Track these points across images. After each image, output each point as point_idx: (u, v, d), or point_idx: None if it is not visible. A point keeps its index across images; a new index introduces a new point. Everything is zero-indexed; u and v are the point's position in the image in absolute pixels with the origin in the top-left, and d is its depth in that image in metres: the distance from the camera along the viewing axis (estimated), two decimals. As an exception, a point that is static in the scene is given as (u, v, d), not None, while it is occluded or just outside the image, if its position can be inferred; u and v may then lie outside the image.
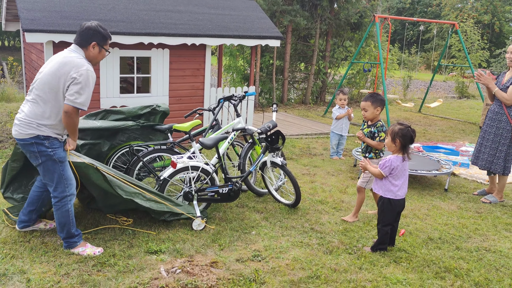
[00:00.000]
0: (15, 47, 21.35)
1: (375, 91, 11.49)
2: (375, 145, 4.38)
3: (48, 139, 3.51)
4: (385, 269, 3.56)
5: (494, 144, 5.21)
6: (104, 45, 3.59)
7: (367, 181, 4.37)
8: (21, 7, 5.79)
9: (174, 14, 6.91)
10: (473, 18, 32.44)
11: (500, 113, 5.15)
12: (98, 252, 3.65)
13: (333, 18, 13.07)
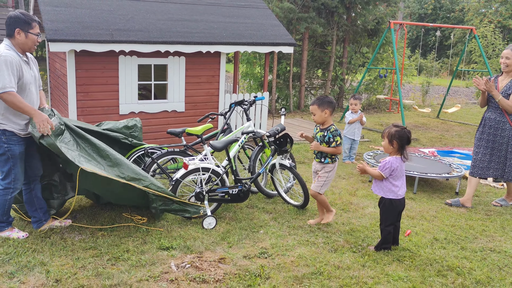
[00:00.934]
0: (41, 57, 22.15)
1: (391, 97, 11.52)
2: (332, 152, 4.27)
3: (4, 133, 3.70)
4: (387, 266, 3.65)
5: (501, 152, 5.09)
6: (29, 29, 3.69)
7: (321, 186, 4.34)
8: (46, 18, 6.12)
9: (190, 23, 7.16)
10: (499, 23, 31.92)
11: (502, 122, 5.03)
12: (22, 236, 3.93)
13: (350, 25, 13.17)
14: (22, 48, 3.76)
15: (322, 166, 4.36)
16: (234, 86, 8.91)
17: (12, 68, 3.60)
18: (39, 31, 3.81)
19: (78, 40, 5.97)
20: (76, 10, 6.51)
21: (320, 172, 4.38)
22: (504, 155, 5.11)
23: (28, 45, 3.75)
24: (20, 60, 3.70)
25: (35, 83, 3.90)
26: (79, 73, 6.33)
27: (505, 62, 4.98)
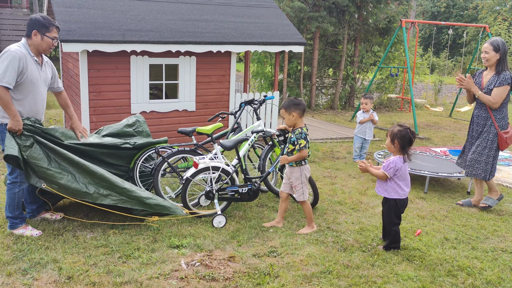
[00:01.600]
0: (55, 57, 22.47)
1: (403, 96, 11.44)
2: (297, 158, 4.15)
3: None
4: (397, 266, 3.64)
5: (477, 149, 4.96)
6: (46, 32, 3.88)
7: (302, 193, 4.25)
8: (59, 19, 6.20)
9: (200, 23, 7.20)
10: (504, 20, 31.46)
11: (486, 118, 4.91)
12: (36, 234, 4.02)
13: (361, 23, 13.11)
14: (37, 49, 3.92)
15: (290, 171, 4.28)
16: (244, 86, 8.93)
17: (15, 64, 3.72)
18: (56, 35, 3.97)
19: (91, 40, 6.05)
20: (89, 11, 6.59)
21: (291, 180, 4.28)
22: (480, 151, 4.93)
23: (43, 47, 3.91)
24: (28, 58, 3.85)
25: (44, 83, 4.04)
26: (91, 73, 6.41)
27: (485, 56, 4.81)
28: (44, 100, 4.09)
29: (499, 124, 4.87)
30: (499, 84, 4.76)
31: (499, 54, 4.74)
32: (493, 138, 4.90)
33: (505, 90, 4.77)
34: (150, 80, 6.84)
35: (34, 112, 4.00)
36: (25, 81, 3.83)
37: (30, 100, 3.92)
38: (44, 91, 4.08)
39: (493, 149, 4.92)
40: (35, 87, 3.92)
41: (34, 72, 3.89)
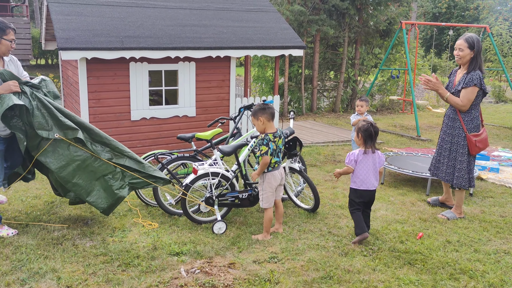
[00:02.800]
0: (56, 64, 22.52)
1: (404, 98, 11.40)
2: (261, 168, 4.08)
3: None
4: (398, 270, 3.60)
5: (452, 154, 4.72)
6: (4, 35, 4.07)
7: (262, 200, 4.19)
8: (57, 27, 6.22)
9: (199, 29, 7.19)
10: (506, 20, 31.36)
11: (454, 119, 4.65)
12: (11, 234, 4.12)
13: (361, 26, 13.09)
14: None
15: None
16: (245, 90, 8.92)
17: None
18: (13, 37, 4.16)
19: (89, 48, 6.05)
20: (87, 18, 6.60)
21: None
22: (454, 157, 4.70)
23: (2, 50, 4.11)
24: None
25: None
26: (90, 80, 6.41)
27: (459, 54, 4.52)
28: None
29: (468, 126, 4.57)
30: (466, 85, 4.47)
31: (473, 52, 4.46)
32: (463, 142, 4.63)
33: (473, 91, 4.46)
34: (150, 86, 6.83)
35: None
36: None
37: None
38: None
39: (465, 155, 4.64)
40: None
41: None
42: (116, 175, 4.30)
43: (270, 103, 5.47)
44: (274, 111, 4.14)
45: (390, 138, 9.54)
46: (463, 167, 4.66)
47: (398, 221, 4.65)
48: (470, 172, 4.69)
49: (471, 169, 4.69)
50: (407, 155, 6.64)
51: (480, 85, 4.47)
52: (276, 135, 4.15)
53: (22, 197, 5.19)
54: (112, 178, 4.28)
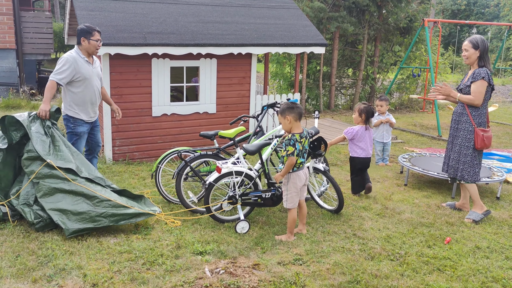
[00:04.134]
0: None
1: (425, 97, 11.22)
2: (287, 169, 4.05)
3: (70, 118, 4.99)
4: (428, 276, 3.53)
5: (457, 148, 4.79)
6: (91, 37, 4.84)
7: (286, 200, 4.13)
8: (81, 22, 6.22)
9: (221, 25, 7.15)
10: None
11: (462, 114, 4.75)
12: None
13: (381, 23, 12.91)
14: (87, 51, 4.89)
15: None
16: (264, 87, 8.86)
17: (66, 65, 4.75)
18: (99, 38, 4.91)
19: (113, 43, 6.05)
20: (110, 14, 6.60)
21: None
22: (459, 150, 4.76)
23: (91, 49, 4.89)
24: (79, 60, 4.83)
25: (97, 78, 5.06)
26: (113, 76, 6.41)
27: (465, 54, 4.69)
28: (98, 91, 5.09)
29: (475, 120, 4.65)
30: (474, 79, 4.60)
31: (479, 52, 4.60)
32: (470, 136, 4.68)
33: (482, 85, 4.56)
34: (171, 82, 6.82)
35: (89, 100, 4.99)
36: (79, 78, 4.84)
37: (85, 91, 4.92)
38: (98, 84, 5.09)
39: (470, 148, 4.70)
40: (88, 82, 4.91)
41: (86, 70, 4.87)
42: (98, 204, 4.20)
43: (295, 102, 5.42)
44: (302, 110, 4.08)
45: (410, 137, 9.40)
46: (467, 160, 4.73)
47: (424, 224, 4.56)
48: (473, 166, 4.73)
49: (476, 163, 4.74)
50: (430, 156, 6.52)
51: (489, 79, 4.58)
52: (303, 136, 4.09)
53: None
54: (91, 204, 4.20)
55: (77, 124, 5.01)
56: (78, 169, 4.36)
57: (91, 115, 5.09)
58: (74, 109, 4.96)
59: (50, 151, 4.36)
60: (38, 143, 4.32)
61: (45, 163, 4.23)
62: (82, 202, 4.17)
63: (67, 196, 4.18)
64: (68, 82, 4.83)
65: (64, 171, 4.27)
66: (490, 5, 42.04)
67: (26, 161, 4.31)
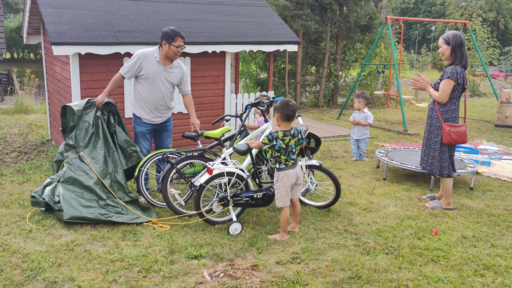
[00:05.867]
0: (36, 59, 21.64)
1: (389, 93, 11.55)
2: (254, 142, 4.20)
3: (134, 116, 5.03)
4: (424, 268, 3.62)
5: (428, 142, 4.92)
6: (172, 42, 4.65)
7: (277, 199, 4.16)
8: (47, 21, 5.91)
9: (193, 23, 7.02)
10: (479, 16, 32.32)
11: (432, 109, 4.86)
12: None
13: (343, 21, 13.15)
14: (166, 55, 4.74)
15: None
16: (236, 86, 8.79)
17: (134, 59, 4.71)
18: (181, 44, 4.70)
19: (83, 42, 5.79)
20: (78, 12, 6.31)
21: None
22: (429, 145, 4.90)
23: (170, 54, 4.72)
24: (151, 58, 4.73)
25: (166, 82, 4.84)
26: (83, 77, 6.14)
27: (440, 51, 4.79)
28: (165, 96, 4.87)
29: (443, 116, 4.75)
30: (442, 77, 4.72)
31: (450, 47, 4.67)
32: (437, 131, 4.80)
33: (447, 84, 4.63)
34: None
35: (152, 101, 4.83)
36: (144, 77, 4.75)
37: (148, 91, 4.79)
38: (164, 88, 4.84)
39: (438, 143, 4.81)
40: (152, 82, 4.77)
41: (153, 70, 4.74)
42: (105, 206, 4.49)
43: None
44: (291, 112, 4.04)
45: (378, 132, 9.64)
46: (435, 154, 4.85)
47: (410, 217, 4.68)
48: (442, 161, 4.85)
49: (444, 158, 4.84)
50: (405, 150, 6.71)
51: (456, 78, 4.63)
52: (287, 134, 4.07)
53: (19, 200, 4.92)
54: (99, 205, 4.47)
55: (137, 123, 4.94)
56: (103, 172, 4.63)
57: (151, 116, 4.90)
58: (136, 106, 4.91)
59: (88, 143, 4.69)
60: (81, 133, 4.70)
61: (78, 155, 4.64)
62: (92, 199, 4.46)
63: (82, 190, 4.49)
64: (135, 77, 4.78)
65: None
66: (436, 4, 43.90)
67: (66, 146, 4.72)
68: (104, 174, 4.65)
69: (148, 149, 5.06)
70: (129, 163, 4.85)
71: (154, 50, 4.81)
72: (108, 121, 4.87)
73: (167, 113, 5.03)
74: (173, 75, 4.89)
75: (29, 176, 5.77)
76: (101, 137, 4.76)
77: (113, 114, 4.93)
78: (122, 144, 4.86)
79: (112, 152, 4.80)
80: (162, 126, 5.07)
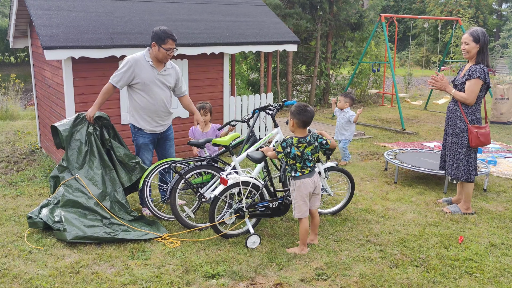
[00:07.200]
0: (13, 63, 20.90)
1: (384, 91, 11.41)
2: (268, 151, 4.01)
3: (133, 127, 4.69)
4: (459, 281, 3.42)
5: (452, 146, 4.70)
6: (162, 44, 4.31)
7: (294, 209, 3.92)
8: (38, 23, 5.54)
9: (190, 23, 6.72)
10: (458, 12, 32.61)
11: (455, 111, 4.63)
12: None
13: (333, 19, 12.98)
14: (156, 57, 4.42)
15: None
16: (232, 89, 8.51)
17: (125, 67, 4.37)
18: (172, 46, 4.39)
19: (77, 46, 5.44)
20: (70, 13, 5.95)
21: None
22: (454, 149, 4.68)
23: (159, 57, 4.40)
24: (142, 63, 4.40)
25: (163, 86, 4.52)
26: (77, 82, 5.79)
27: (465, 48, 4.52)
28: (164, 101, 4.56)
29: (469, 118, 4.54)
30: (469, 77, 4.47)
31: (479, 45, 4.44)
32: (463, 134, 4.59)
33: (476, 84, 4.44)
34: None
35: (152, 109, 4.50)
36: (140, 83, 4.41)
37: (146, 98, 4.47)
38: (162, 93, 4.52)
39: (464, 146, 4.61)
40: (149, 88, 4.44)
41: (147, 75, 4.41)
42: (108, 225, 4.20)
43: (292, 104, 5.15)
44: (309, 119, 3.80)
45: (375, 132, 9.48)
46: (461, 158, 4.65)
47: (431, 224, 4.49)
48: (468, 165, 4.63)
49: (470, 162, 4.64)
50: (413, 151, 6.54)
51: (484, 78, 4.45)
52: (303, 141, 3.83)
53: (14, 217, 4.57)
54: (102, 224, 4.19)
55: (137, 134, 4.62)
56: (102, 193, 4.31)
57: (153, 125, 4.58)
58: (134, 116, 4.58)
59: (83, 163, 4.39)
60: (73, 154, 4.39)
61: (73, 177, 4.32)
62: (96, 219, 4.17)
63: (84, 211, 4.20)
64: (128, 86, 4.47)
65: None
66: (416, 1, 44.27)
67: (60, 167, 4.43)
68: (103, 195, 4.32)
69: (150, 160, 4.75)
70: (133, 177, 4.53)
71: (143, 54, 4.46)
72: (101, 136, 4.51)
73: (168, 120, 4.74)
74: (169, 78, 4.61)
75: (22, 189, 5.41)
76: (97, 156, 4.42)
77: (106, 128, 4.55)
78: (122, 159, 4.52)
79: (109, 171, 4.46)
80: (164, 135, 4.77)
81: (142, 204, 4.73)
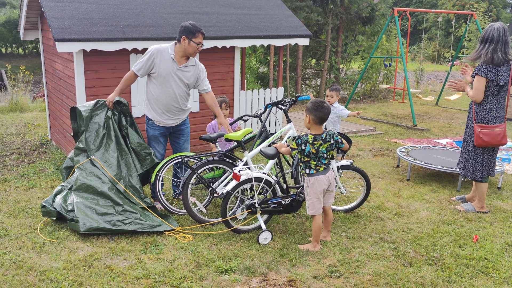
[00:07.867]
0: (22, 54, 20.98)
1: (395, 86, 11.31)
2: (282, 147, 4.00)
3: (146, 118, 4.73)
4: (475, 281, 3.38)
5: (464, 144, 4.74)
6: (193, 38, 4.32)
7: (307, 206, 3.88)
8: (50, 15, 5.53)
9: (201, 16, 6.67)
10: (471, 6, 32.19)
11: (470, 109, 4.66)
12: None
13: (344, 12, 12.85)
14: (184, 52, 4.40)
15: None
16: (242, 82, 8.48)
17: (147, 55, 4.39)
18: (201, 41, 4.39)
19: (88, 38, 5.42)
20: (81, 5, 5.93)
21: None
22: (465, 147, 4.71)
23: (189, 51, 4.40)
24: (164, 54, 4.39)
25: (179, 82, 4.49)
26: (88, 75, 5.78)
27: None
28: (177, 97, 4.52)
29: (476, 116, 4.54)
30: (473, 75, 4.50)
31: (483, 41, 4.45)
32: (471, 132, 4.60)
33: (479, 81, 4.42)
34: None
35: (164, 102, 4.50)
36: (157, 75, 4.42)
37: (159, 91, 4.47)
38: (176, 87, 4.49)
39: (471, 144, 4.61)
40: (164, 81, 4.43)
41: (165, 68, 4.40)
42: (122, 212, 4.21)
43: (306, 99, 5.11)
44: (325, 115, 3.76)
45: (386, 128, 9.40)
46: (468, 157, 4.66)
47: (445, 222, 4.44)
48: (474, 164, 4.62)
49: (477, 161, 4.61)
50: (425, 148, 6.47)
51: (486, 75, 4.38)
52: (318, 139, 3.79)
53: (27, 209, 4.58)
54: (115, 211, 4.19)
55: (149, 126, 4.65)
56: (116, 176, 4.35)
57: (164, 118, 4.57)
58: (148, 107, 4.61)
59: (99, 146, 4.42)
60: (91, 136, 4.42)
61: (89, 159, 4.35)
62: (108, 206, 4.18)
63: (97, 196, 4.21)
64: (147, 75, 4.48)
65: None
66: (428, -6, 43.75)
67: (76, 150, 4.43)
68: (118, 178, 4.37)
69: (162, 153, 4.74)
70: (143, 167, 4.53)
71: (169, 46, 4.47)
72: (119, 122, 4.58)
73: (181, 115, 4.71)
74: (188, 75, 4.54)
75: (34, 181, 5.43)
76: (113, 139, 4.49)
77: (124, 114, 4.62)
78: (136, 147, 4.55)
79: (125, 155, 4.52)
80: (178, 130, 4.75)
81: (154, 198, 4.72)
